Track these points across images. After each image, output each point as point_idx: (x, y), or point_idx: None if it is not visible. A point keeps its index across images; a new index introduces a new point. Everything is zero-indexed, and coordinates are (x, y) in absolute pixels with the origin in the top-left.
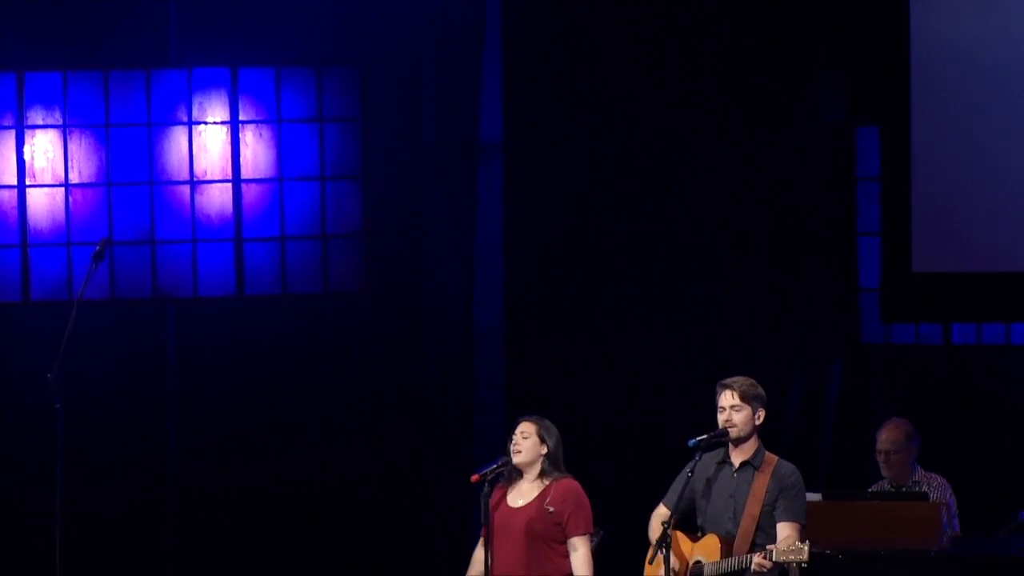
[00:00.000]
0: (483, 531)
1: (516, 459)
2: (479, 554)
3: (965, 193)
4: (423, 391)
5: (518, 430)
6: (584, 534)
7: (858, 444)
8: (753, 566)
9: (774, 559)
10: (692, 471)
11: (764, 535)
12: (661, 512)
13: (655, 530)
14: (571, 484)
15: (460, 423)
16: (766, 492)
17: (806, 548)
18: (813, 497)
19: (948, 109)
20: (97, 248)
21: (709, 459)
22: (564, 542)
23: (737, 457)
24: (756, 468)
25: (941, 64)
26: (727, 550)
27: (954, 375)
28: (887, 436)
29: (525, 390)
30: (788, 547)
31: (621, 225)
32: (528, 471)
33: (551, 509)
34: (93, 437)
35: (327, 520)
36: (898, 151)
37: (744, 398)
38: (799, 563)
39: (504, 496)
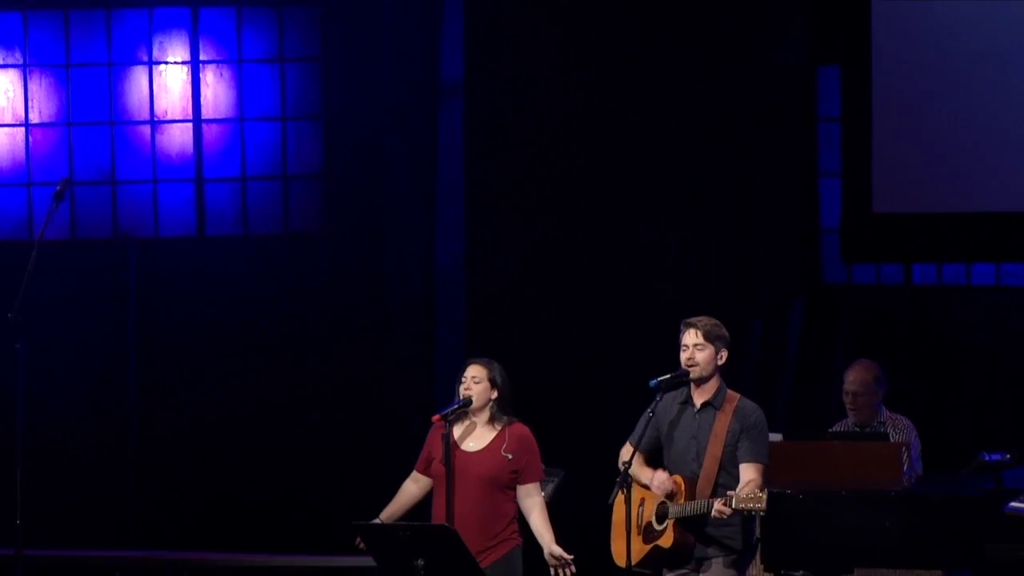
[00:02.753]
0: (419, 466)
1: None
2: (409, 486)
3: (926, 134)
4: (384, 331)
5: (468, 374)
6: (539, 480)
7: (819, 384)
8: (713, 513)
9: (734, 506)
10: (653, 411)
11: (727, 475)
12: (627, 450)
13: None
14: (525, 431)
15: (421, 362)
16: (728, 432)
17: (764, 496)
18: (774, 437)
19: (909, 49)
20: (58, 188)
21: (672, 400)
22: (514, 487)
23: (699, 397)
24: (718, 408)
25: (902, 3)
26: (691, 492)
27: (915, 315)
28: (855, 378)
29: (486, 329)
30: (747, 495)
31: (582, 165)
32: (479, 415)
33: (509, 456)
34: (54, 376)
35: (287, 458)
36: (859, 91)
37: (707, 337)
38: (757, 511)
39: (451, 437)
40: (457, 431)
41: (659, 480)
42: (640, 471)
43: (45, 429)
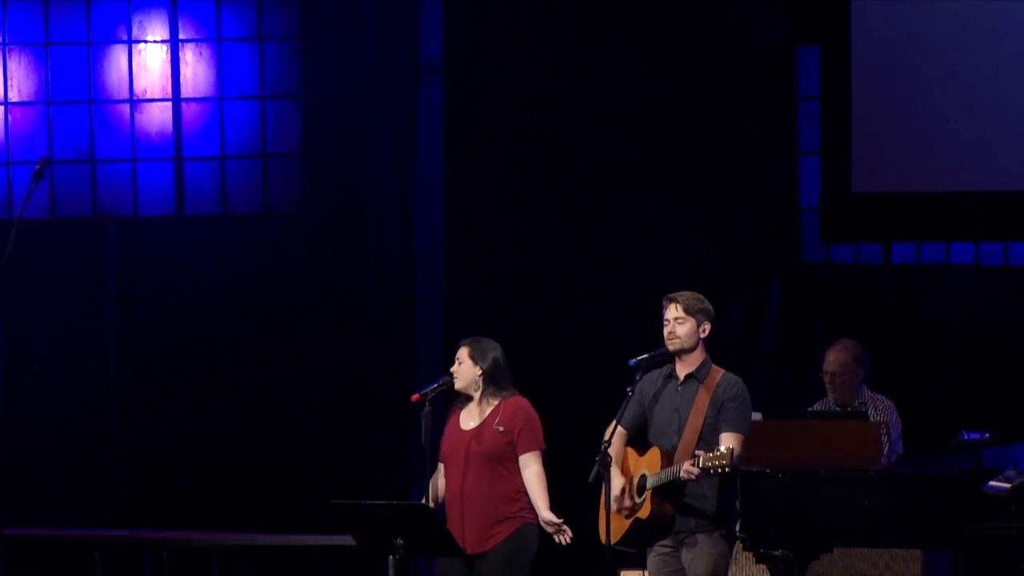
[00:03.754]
0: (440, 455)
1: (456, 385)
2: (437, 478)
3: (905, 112)
4: (364, 310)
5: (456, 356)
6: (535, 450)
7: (798, 364)
8: (681, 473)
9: (700, 465)
10: (633, 390)
11: (707, 446)
12: (611, 429)
13: (612, 446)
14: (520, 402)
15: (401, 342)
16: (709, 404)
17: (729, 454)
18: (753, 416)
19: (889, 28)
20: (37, 167)
21: (657, 375)
22: (516, 460)
23: (682, 370)
24: (701, 381)
25: None
26: (668, 462)
27: (894, 295)
28: (834, 358)
29: (466, 309)
30: (714, 453)
31: (561, 144)
32: (474, 394)
33: (501, 428)
34: (34, 355)
35: (267, 436)
36: (838, 70)
37: (688, 311)
38: (721, 468)
39: (457, 420)
40: (463, 414)
41: (615, 495)
42: (612, 473)
43: (24, 408)
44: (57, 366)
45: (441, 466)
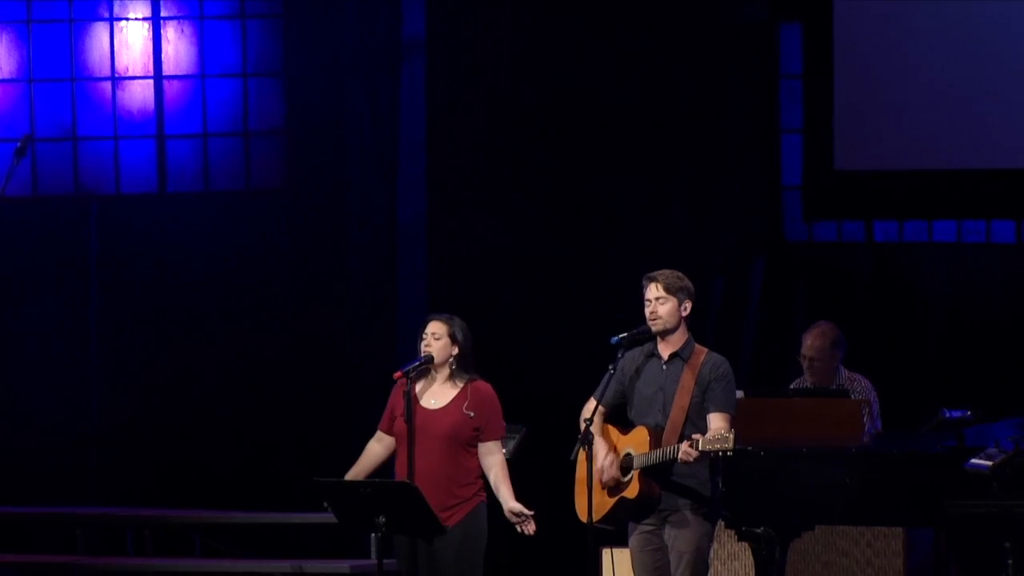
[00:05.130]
0: (383, 425)
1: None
2: (374, 446)
3: (887, 90)
4: (346, 287)
5: (428, 330)
6: (500, 438)
7: (780, 341)
8: (680, 455)
9: (700, 448)
10: (615, 368)
11: (693, 426)
12: (590, 406)
13: (592, 424)
14: (487, 388)
15: (383, 319)
16: (695, 383)
17: (731, 437)
18: (736, 394)
19: (871, 5)
20: (19, 144)
21: (638, 352)
22: (476, 444)
23: (666, 350)
24: (685, 360)
25: None
26: (656, 442)
27: (876, 273)
28: (811, 343)
29: (448, 286)
30: (714, 437)
31: (543, 122)
32: (439, 371)
33: (471, 414)
34: (15, 333)
35: (249, 414)
36: (820, 48)
37: (668, 290)
38: (724, 451)
39: (413, 395)
40: (418, 388)
41: (605, 464)
42: (597, 444)
43: (5, 386)
44: (38, 343)
45: (380, 434)
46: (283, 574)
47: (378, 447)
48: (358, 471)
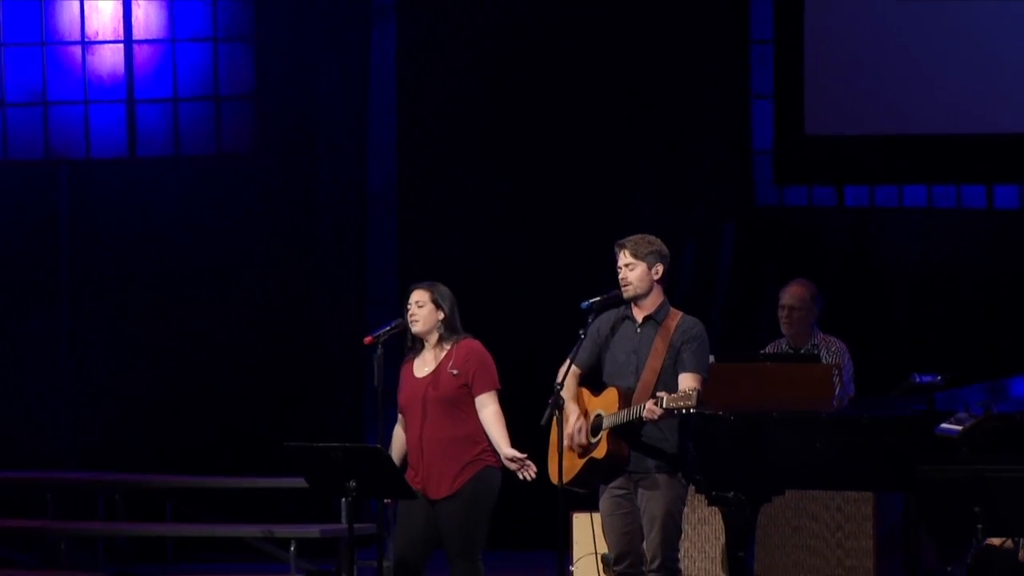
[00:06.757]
0: (399, 407)
1: (414, 328)
2: (398, 430)
3: (858, 56)
4: (316, 253)
5: (412, 299)
6: (491, 391)
7: (751, 306)
8: (644, 412)
9: (664, 406)
10: (585, 333)
11: (665, 388)
12: (565, 368)
13: (566, 387)
14: (472, 344)
15: (353, 284)
16: (668, 346)
17: (695, 395)
18: None
19: None
20: None
21: (614, 315)
22: (472, 403)
23: (640, 313)
24: (659, 323)
25: None
26: (625, 402)
27: (847, 237)
28: (792, 292)
29: (417, 251)
30: (679, 394)
31: (514, 88)
32: (428, 339)
33: (455, 372)
34: None
35: (219, 379)
36: (791, 13)
37: (636, 255)
38: (687, 408)
39: (411, 369)
40: (416, 362)
41: (576, 427)
42: (568, 407)
43: None
44: (10, 307)
45: (402, 418)
46: (254, 538)
47: (400, 430)
48: (396, 457)
